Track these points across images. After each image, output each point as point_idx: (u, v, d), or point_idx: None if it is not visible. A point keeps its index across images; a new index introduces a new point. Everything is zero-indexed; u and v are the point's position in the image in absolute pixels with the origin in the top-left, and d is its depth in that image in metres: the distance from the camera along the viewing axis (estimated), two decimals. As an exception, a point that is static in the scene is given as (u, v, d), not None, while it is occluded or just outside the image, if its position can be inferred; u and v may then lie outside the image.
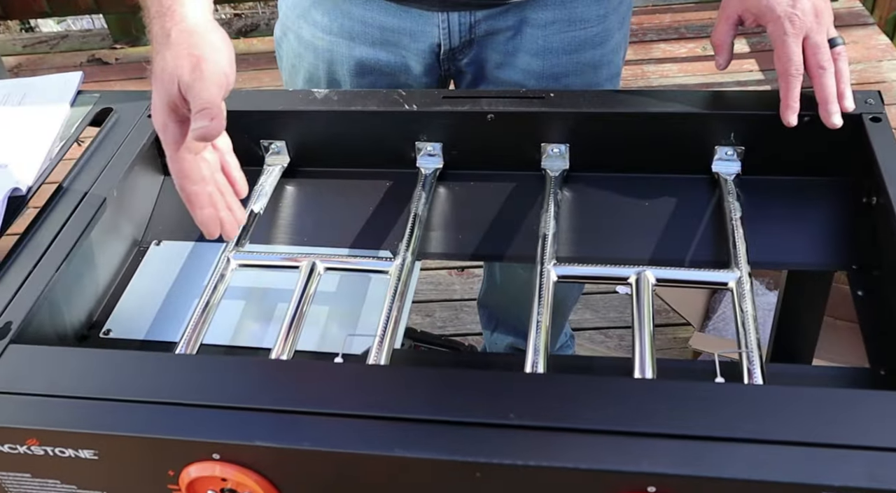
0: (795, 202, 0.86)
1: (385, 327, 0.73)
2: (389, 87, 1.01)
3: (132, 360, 0.67)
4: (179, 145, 0.72)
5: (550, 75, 1.01)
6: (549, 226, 0.81)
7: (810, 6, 0.80)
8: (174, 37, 0.71)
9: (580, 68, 1.02)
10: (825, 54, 0.80)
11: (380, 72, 1.02)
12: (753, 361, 0.66)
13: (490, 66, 1.02)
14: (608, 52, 1.03)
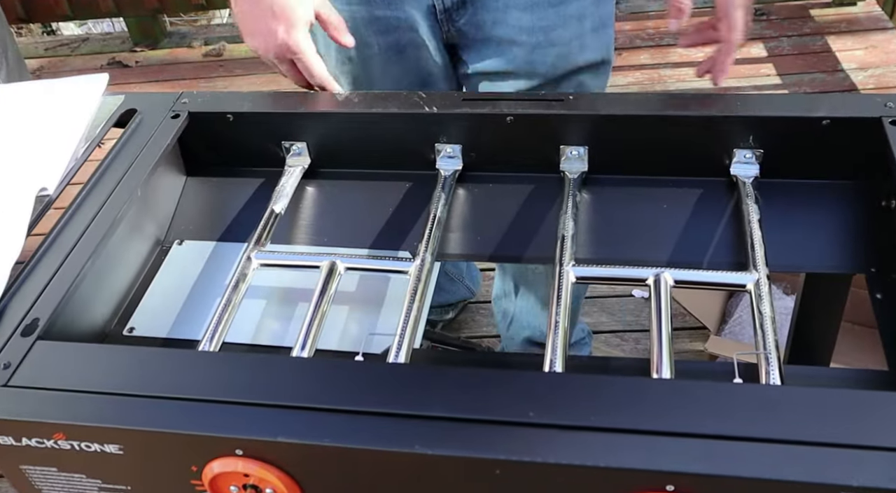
0: (814, 205, 0.86)
1: (405, 326, 0.74)
2: (410, 44, 1.11)
3: (156, 356, 0.69)
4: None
5: (540, 29, 1.07)
6: (567, 227, 0.82)
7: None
8: None
9: (565, 20, 1.07)
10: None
11: (399, 29, 1.09)
12: (772, 362, 0.67)
13: (486, 25, 1.08)
14: (589, 4, 1.08)
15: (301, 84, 0.96)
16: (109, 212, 0.83)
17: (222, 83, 2.72)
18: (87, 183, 0.86)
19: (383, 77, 1.14)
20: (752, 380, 0.66)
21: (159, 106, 0.96)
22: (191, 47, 2.94)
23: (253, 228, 0.88)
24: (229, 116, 0.93)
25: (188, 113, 0.94)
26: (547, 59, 1.08)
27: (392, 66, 1.13)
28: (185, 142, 0.95)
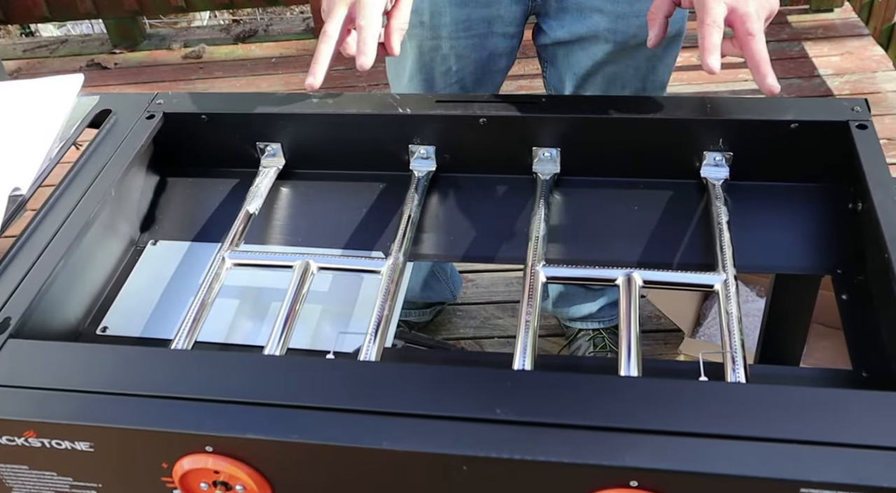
0: (783, 207, 0.87)
1: (377, 325, 0.75)
2: (483, 20, 1.13)
3: (128, 355, 0.69)
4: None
5: (625, 0, 1.08)
6: (539, 228, 0.83)
7: None
8: None
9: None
10: (753, 23, 0.79)
11: (476, 3, 1.12)
12: (737, 361, 0.68)
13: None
14: None
15: (334, 37, 0.87)
16: (83, 212, 0.83)
17: (202, 85, 2.72)
18: (60, 183, 0.86)
19: (450, 49, 1.16)
20: (719, 379, 0.67)
21: (134, 106, 0.96)
22: (170, 49, 2.94)
23: (227, 229, 0.88)
24: (204, 116, 0.94)
25: (163, 113, 0.94)
26: (629, 30, 1.11)
27: (459, 41, 1.15)
28: (160, 142, 0.95)
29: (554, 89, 1.25)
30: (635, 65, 1.16)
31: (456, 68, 1.18)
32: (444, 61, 1.17)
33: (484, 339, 1.77)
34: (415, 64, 1.19)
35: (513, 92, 2.35)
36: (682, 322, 1.60)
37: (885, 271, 0.71)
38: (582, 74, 1.17)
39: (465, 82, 1.20)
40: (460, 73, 1.18)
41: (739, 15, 0.80)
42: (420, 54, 1.18)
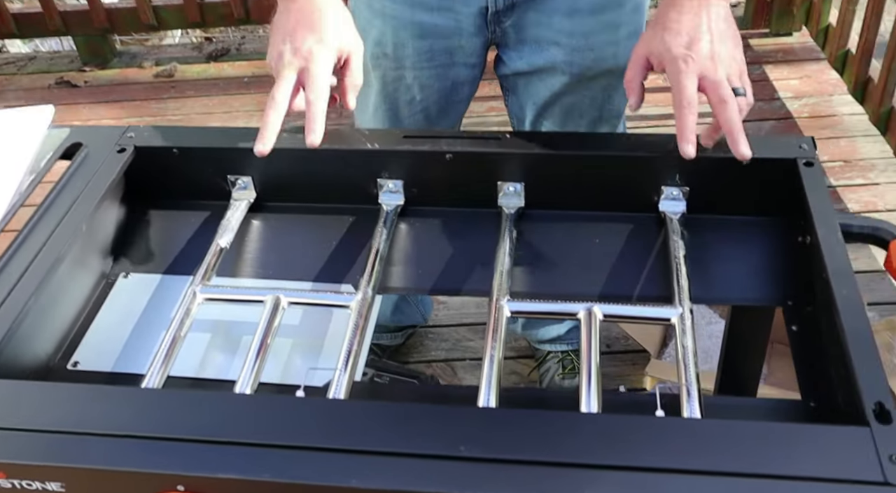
0: (738, 240, 0.91)
1: (346, 361, 0.76)
2: (445, 50, 1.17)
3: (98, 393, 0.70)
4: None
5: (580, 33, 1.13)
6: (503, 262, 0.85)
7: (707, 49, 0.84)
8: None
9: (603, 27, 1.14)
10: (725, 89, 0.83)
11: (437, 34, 1.16)
12: (692, 394, 0.71)
13: (530, 27, 1.15)
14: (626, 12, 1.15)
15: (283, 104, 0.87)
16: (54, 248, 0.84)
17: (174, 105, 2.72)
18: (31, 218, 0.87)
19: (413, 79, 1.19)
20: (675, 412, 0.70)
21: (105, 140, 0.97)
22: (141, 67, 2.93)
23: (198, 261, 0.89)
24: (175, 150, 0.95)
25: (134, 147, 0.95)
26: (584, 62, 1.15)
27: (423, 71, 1.19)
28: (131, 175, 0.96)
29: (516, 117, 1.29)
30: (591, 95, 1.20)
31: (420, 98, 1.20)
32: (407, 91, 1.20)
33: (455, 361, 1.79)
34: (379, 94, 1.22)
35: (483, 113, 2.38)
36: (649, 344, 1.63)
37: (829, 303, 0.75)
38: (541, 104, 1.21)
39: (430, 112, 1.22)
40: (424, 102, 1.21)
41: (710, 82, 0.83)
42: (384, 84, 1.21)
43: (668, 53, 0.85)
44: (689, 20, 0.86)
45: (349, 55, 0.91)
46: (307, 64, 0.86)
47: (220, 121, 2.63)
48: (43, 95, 2.83)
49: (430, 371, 1.79)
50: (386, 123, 1.24)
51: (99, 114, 2.71)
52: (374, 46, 1.17)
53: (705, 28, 0.85)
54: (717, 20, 0.86)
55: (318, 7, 0.89)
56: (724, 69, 0.84)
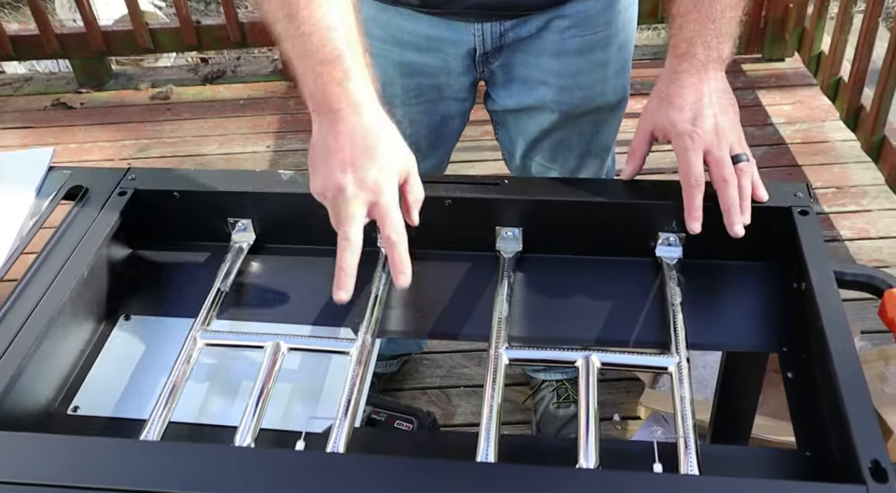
0: (734, 285, 0.92)
1: (346, 409, 0.77)
2: (433, 87, 1.18)
3: (97, 446, 0.70)
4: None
5: (568, 73, 1.15)
6: (501, 309, 0.86)
7: (711, 124, 0.88)
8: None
9: (591, 67, 1.16)
10: (727, 168, 0.87)
11: (425, 73, 1.17)
12: (689, 446, 0.71)
13: (518, 67, 1.16)
14: (613, 51, 1.16)
15: (359, 245, 0.80)
16: (55, 295, 0.84)
17: (169, 127, 2.73)
18: (33, 263, 0.88)
19: (402, 115, 1.20)
20: (672, 464, 0.71)
21: (106, 182, 0.98)
22: (137, 89, 2.94)
23: (199, 303, 0.90)
24: (176, 193, 0.96)
25: (135, 190, 0.96)
26: (572, 100, 1.17)
27: (412, 107, 1.20)
28: (132, 218, 0.97)
29: (506, 150, 1.31)
30: (580, 130, 1.22)
31: (410, 132, 1.22)
32: (397, 126, 1.21)
33: (450, 388, 1.80)
34: None
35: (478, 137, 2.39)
36: (643, 374, 1.64)
37: (823, 354, 0.76)
38: (531, 140, 1.23)
39: (420, 145, 1.24)
40: (414, 136, 1.23)
41: (714, 159, 0.87)
42: None
43: (674, 129, 0.88)
44: (691, 95, 0.89)
45: (410, 173, 0.85)
46: (377, 197, 0.79)
47: (215, 143, 2.64)
48: (39, 116, 2.83)
49: (426, 398, 1.80)
50: None
51: (95, 136, 2.71)
52: None
53: (707, 102, 0.88)
54: (717, 92, 0.89)
55: (371, 130, 0.81)
56: (728, 142, 0.88)
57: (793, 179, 2.27)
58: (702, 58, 0.89)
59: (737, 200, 0.86)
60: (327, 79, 0.80)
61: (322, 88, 0.81)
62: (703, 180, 0.87)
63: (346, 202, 0.79)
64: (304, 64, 0.81)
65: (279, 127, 2.71)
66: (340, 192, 0.79)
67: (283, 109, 2.80)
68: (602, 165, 1.29)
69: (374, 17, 1.14)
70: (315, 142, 0.83)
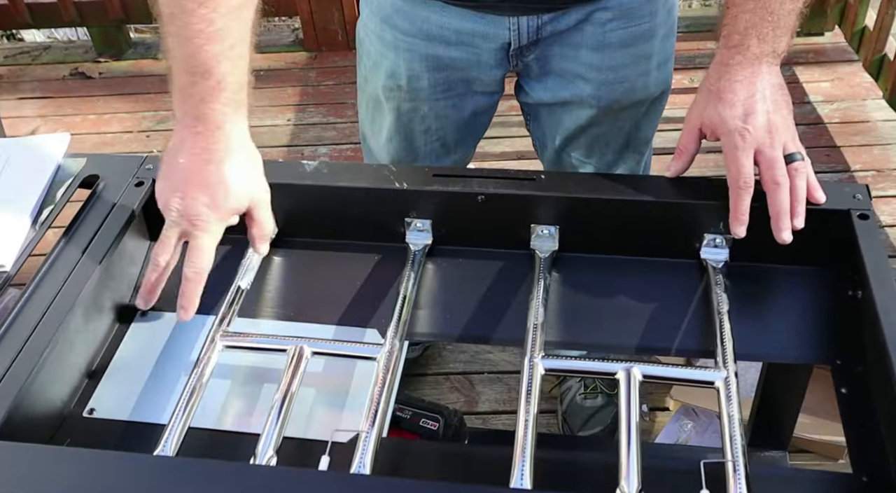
0: (782, 291, 0.87)
1: (372, 420, 0.73)
2: (462, 80, 1.12)
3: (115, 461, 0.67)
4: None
5: (609, 67, 1.08)
6: (537, 315, 0.81)
7: (763, 121, 0.82)
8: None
9: (634, 59, 1.09)
10: (779, 170, 0.81)
11: (454, 68, 1.10)
12: (739, 472, 0.67)
13: (554, 60, 1.09)
14: (657, 42, 1.10)
15: (164, 267, 0.83)
16: (70, 290, 0.81)
17: (188, 98, 2.68)
18: (48, 258, 0.84)
19: (429, 110, 1.15)
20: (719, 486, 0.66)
21: (122, 171, 0.94)
22: (156, 59, 2.89)
23: (218, 299, 0.86)
24: (195, 184, 0.91)
25: (152, 181, 0.92)
26: (612, 95, 1.10)
27: (438, 102, 1.14)
28: (149, 209, 0.93)
29: (539, 142, 1.24)
30: (620, 125, 1.15)
31: (436, 127, 1.16)
32: (423, 121, 1.16)
33: (473, 374, 1.76)
34: (393, 124, 1.18)
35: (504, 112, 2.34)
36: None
37: (883, 365, 0.71)
38: (566, 135, 1.16)
39: (447, 140, 1.18)
40: (440, 131, 1.17)
41: (766, 159, 0.82)
42: (398, 115, 1.16)
43: (724, 126, 0.82)
44: (744, 89, 0.83)
45: (253, 208, 0.84)
46: (193, 230, 0.80)
47: (236, 116, 2.59)
48: (58, 86, 2.79)
49: (448, 384, 1.77)
50: (401, 152, 1.20)
51: (114, 107, 2.67)
52: (387, 78, 1.13)
53: (760, 98, 0.82)
54: (770, 88, 0.83)
55: (218, 157, 0.79)
56: (781, 141, 0.82)
57: (830, 160, 2.19)
58: (756, 51, 0.83)
59: (787, 204, 0.81)
60: (193, 91, 0.78)
61: (186, 97, 0.79)
62: (752, 182, 0.81)
63: (167, 220, 0.81)
64: (177, 65, 0.79)
65: (300, 99, 2.65)
66: (166, 208, 0.81)
67: (303, 80, 2.74)
68: (640, 160, 1.23)
69: (399, 9, 1.08)
70: (170, 146, 0.82)
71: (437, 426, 1.15)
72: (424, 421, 1.16)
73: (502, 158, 2.30)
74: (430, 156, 1.20)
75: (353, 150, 2.44)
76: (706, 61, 2.48)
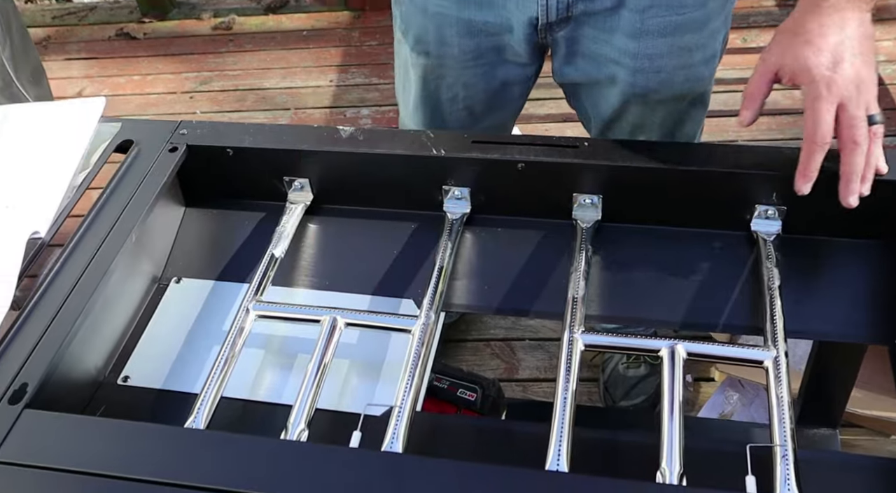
0: (837, 265, 0.82)
1: (406, 395, 0.71)
2: (494, 48, 1.05)
3: (147, 433, 0.66)
4: None
5: (645, 56, 1.00)
6: (577, 288, 0.78)
7: (852, 73, 0.75)
8: None
9: (676, 51, 1.01)
10: (862, 131, 0.75)
11: (486, 32, 1.04)
12: (787, 458, 0.64)
13: (585, 41, 1.03)
14: (706, 35, 1.01)
15: None
16: (104, 257, 0.80)
17: (231, 59, 2.67)
18: (81, 224, 0.83)
19: (456, 78, 1.10)
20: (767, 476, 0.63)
21: (157, 136, 0.92)
22: (199, 19, 2.88)
23: (252, 267, 0.85)
24: (229, 150, 0.90)
25: (186, 146, 0.90)
26: (648, 84, 1.03)
27: (467, 70, 1.09)
28: (184, 174, 0.91)
29: (583, 118, 1.19)
30: (660, 119, 1.08)
31: (463, 95, 1.11)
32: (450, 89, 1.11)
33: (514, 341, 1.74)
34: (419, 92, 1.13)
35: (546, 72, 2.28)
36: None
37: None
38: (605, 118, 1.10)
39: (474, 109, 1.13)
40: (468, 100, 1.12)
41: (848, 117, 0.75)
42: (425, 83, 1.12)
43: (808, 73, 0.76)
44: (834, 34, 0.76)
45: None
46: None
47: (277, 76, 2.57)
48: (103, 47, 2.80)
49: (489, 350, 1.75)
50: (426, 121, 1.16)
51: (158, 68, 2.67)
52: (415, 43, 1.08)
53: (849, 46, 0.76)
54: (861, 39, 0.76)
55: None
56: (866, 99, 0.76)
57: (891, 125, 2.10)
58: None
59: (861, 167, 0.75)
60: None
61: None
62: (829, 140, 0.75)
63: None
64: None
65: (342, 60, 2.62)
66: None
67: (347, 40, 2.70)
68: (702, 142, 1.15)
69: None
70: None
71: (475, 396, 1.13)
72: (462, 391, 1.14)
73: (547, 119, 2.25)
74: (455, 124, 1.15)
75: (396, 111, 2.39)
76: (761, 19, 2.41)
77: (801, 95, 0.78)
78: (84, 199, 0.88)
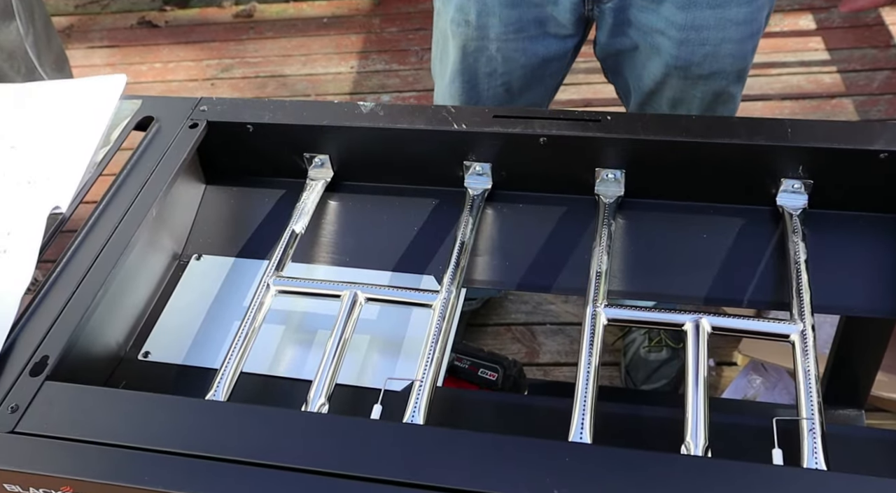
0: (865, 241, 0.81)
1: (426, 370, 0.71)
2: (536, 21, 1.05)
3: (167, 405, 0.66)
4: None
5: (692, 27, 1.01)
6: (600, 262, 0.77)
7: None
8: None
9: (723, 23, 1.01)
10: None
11: (529, 3, 1.04)
12: (815, 433, 0.62)
13: (633, 11, 1.03)
14: (755, 9, 1.02)
15: None
16: (125, 232, 0.80)
17: (252, 46, 2.67)
18: (101, 199, 0.83)
19: (496, 51, 1.09)
20: (793, 450, 0.62)
21: (177, 113, 0.92)
22: (221, 7, 2.88)
23: (273, 244, 0.85)
24: (249, 126, 0.90)
25: (206, 122, 0.90)
26: (692, 57, 1.03)
27: (508, 43, 1.08)
28: (204, 150, 0.91)
29: (622, 94, 1.17)
30: (700, 95, 1.07)
31: (502, 71, 1.10)
32: (489, 63, 1.10)
33: (535, 325, 1.73)
34: (457, 64, 1.12)
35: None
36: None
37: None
38: (646, 91, 1.09)
39: (511, 86, 1.12)
40: (506, 75, 1.11)
41: None
42: (464, 55, 1.11)
43: None
44: None
45: None
46: None
47: (298, 63, 2.57)
48: (126, 35, 2.81)
49: (510, 335, 1.74)
50: (462, 95, 1.15)
51: (179, 55, 2.68)
52: (456, 12, 1.07)
53: None
54: None
55: None
56: None
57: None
58: None
59: None
60: None
61: None
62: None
63: None
64: None
65: (363, 47, 2.62)
66: None
67: (367, 27, 2.70)
68: (726, 116, 1.15)
69: None
70: None
71: (496, 376, 1.13)
72: (483, 371, 1.13)
73: (568, 105, 2.23)
74: (492, 101, 1.15)
75: (416, 97, 2.40)
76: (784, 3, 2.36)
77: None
78: (104, 175, 0.88)
